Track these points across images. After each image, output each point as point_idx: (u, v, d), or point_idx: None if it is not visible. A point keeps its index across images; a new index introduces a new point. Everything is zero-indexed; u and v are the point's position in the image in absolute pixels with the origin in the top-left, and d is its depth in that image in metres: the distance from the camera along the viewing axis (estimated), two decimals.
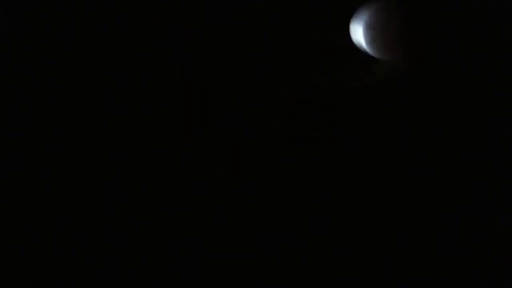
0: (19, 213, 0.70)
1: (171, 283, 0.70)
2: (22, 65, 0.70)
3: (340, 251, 0.70)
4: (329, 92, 0.70)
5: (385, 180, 0.71)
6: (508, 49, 0.70)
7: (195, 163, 0.71)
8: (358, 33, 0.56)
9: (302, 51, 0.67)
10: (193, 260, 0.70)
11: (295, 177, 0.71)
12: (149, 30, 0.71)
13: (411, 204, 0.71)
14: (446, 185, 0.70)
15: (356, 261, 0.70)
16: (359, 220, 0.71)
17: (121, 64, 0.71)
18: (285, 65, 0.71)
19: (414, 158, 0.71)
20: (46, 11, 0.70)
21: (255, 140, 0.71)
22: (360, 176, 0.71)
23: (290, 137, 0.71)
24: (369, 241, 0.70)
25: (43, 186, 0.70)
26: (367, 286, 0.70)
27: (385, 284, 0.70)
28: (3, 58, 0.70)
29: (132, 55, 0.71)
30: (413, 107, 0.71)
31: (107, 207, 0.70)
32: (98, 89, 0.71)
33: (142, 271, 0.70)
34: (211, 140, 0.71)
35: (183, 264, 0.70)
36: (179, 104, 0.71)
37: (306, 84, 0.68)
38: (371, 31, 0.55)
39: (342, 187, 0.71)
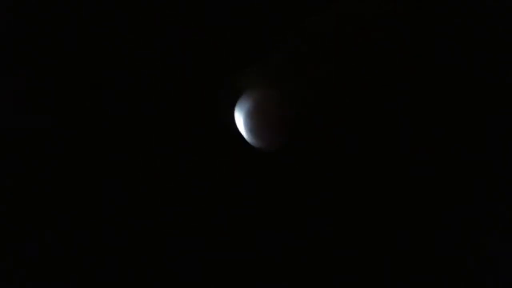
0: (18, 213, 0.70)
1: (171, 283, 0.70)
2: (22, 65, 0.70)
3: (340, 251, 0.70)
4: (328, 92, 0.70)
5: (385, 180, 0.71)
6: (508, 49, 0.70)
7: (195, 163, 0.71)
8: (239, 121, 0.56)
9: None
10: (193, 260, 0.70)
11: (295, 177, 0.71)
12: (149, 30, 0.71)
13: (411, 204, 0.71)
14: (446, 185, 0.70)
15: (356, 261, 0.70)
16: (359, 220, 0.71)
17: (121, 64, 0.71)
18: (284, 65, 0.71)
19: (414, 158, 0.71)
20: (46, 11, 0.70)
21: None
22: (360, 176, 0.71)
23: (290, 136, 0.71)
24: (369, 241, 0.71)
25: (43, 186, 0.70)
26: (367, 286, 0.70)
27: (385, 284, 0.70)
28: (3, 58, 0.70)
29: (132, 55, 0.71)
30: (413, 107, 0.71)
31: (107, 207, 0.70)
32: (98, 89, 0.71)
33: (142, 271, 0.70)
34: (211, 140, 0.71)
35: (183, 264, 0.70)
36: (179, 104, 0.71)
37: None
38: (250, 120, 0.55)
39: (342, 187, 0.71)
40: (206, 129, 0.71)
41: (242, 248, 0.70)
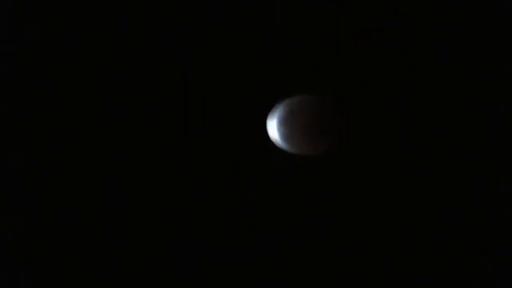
0: (18, 213, 0.69)
1: (171, 283, 0.70)
2: (22, 65, 0.70)
3: (340, 251, 0.70)
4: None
5: (385, 180, 0.71)
6: (508, 49, 0.70)
7: (195, 163, 0.71)
8: (272, 129, 0.56)
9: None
10: (193, 260, 0.70)
11: (294, 177, 0.71)
12: (149, 30, 0.71)
13: (411, 204, 0.71)
14: (446, 185, 0.70)
15: (356, 261, 0.70)
16: (359, 220, 0.71)
17: (121, 64, 0.71)
18: (285, 65, 0.71)
19: (414, 158, 0.71)
20: (46, 11, 0.70)
21: (255, 140, 0.71)
22: (360, 176, 0.71)
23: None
24: (369, 241, 0.70)
25: (43, 186, 0.70)
26: (367, 286, 0.70)
27: (385, 284, 0.70)
28: (3, 58, 0.70)
29: (132, 55, 0.71)
30: (413, 107, 0.71)
31: (107, 207, 0.70)
32: (98, 89, 0.71)
33: (142, 271, 0.70)
34: (211, 140, 0.71)
35: (183, 264, 0.70)
36: (179, 104, 0.71)
37: None
38: (283, 127, 0.55)
39: (342, 187, 0.71)
40: (206, 129, 0.71)
41: (242, 248, 0.70)
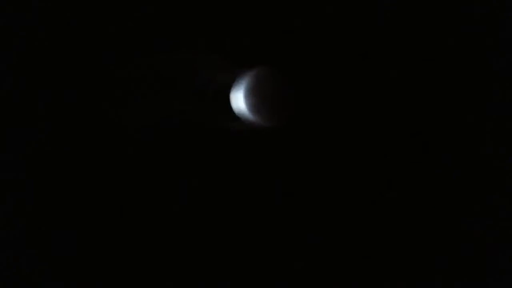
0: (18, 213, 0.70)
1: (171, 283, 0.70)
2: (22, 65, 0.70)
3: (340, 252, 0.70)
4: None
5: (385, 180, 0.71)
6: (508, 49, 0.70)
7: (195, 163, 0.71)
8: (239, 100, 0.56)
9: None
10: (193, 260, 0.70)
11: (295, 177, 0.71)
12: (149, 30, 0.71)
13: (412, 205, 0.71)
14: (447, 186, 0.70)
15: (356, 261, 0.70)
16: (359, 220, 0.71)
17: (121, 64, 0.71)
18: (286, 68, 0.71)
19: (413, 158, 0.71)
20: (45, 11, 0.70)
21: (255, 140, 0.71)
22: (360, 176, 0.71)
23: (290, 137, 0.71)
24: (369, 241, 0.71)
25: (43, 187, 0.70)
26: (367, 286, 0.70)
27: (385, 284, 0.70)
28: (2, 58, 0.70)
29: (132, 55, 0.71)
30: (413, 107, 0.71)
31: (107, 207, 0.70)
32: (98, 89, 0.71)
33: (142, 271, 0.70)
34: (211, 140, 0.71)
35: (183, 264, 0.70)
36: (178, 104, 0.71)
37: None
38: (251, 98, 0.55)
39: (342, 187, 0.71)
40: (206, 129, 0.71)
41: (242, 248, 0.70)
